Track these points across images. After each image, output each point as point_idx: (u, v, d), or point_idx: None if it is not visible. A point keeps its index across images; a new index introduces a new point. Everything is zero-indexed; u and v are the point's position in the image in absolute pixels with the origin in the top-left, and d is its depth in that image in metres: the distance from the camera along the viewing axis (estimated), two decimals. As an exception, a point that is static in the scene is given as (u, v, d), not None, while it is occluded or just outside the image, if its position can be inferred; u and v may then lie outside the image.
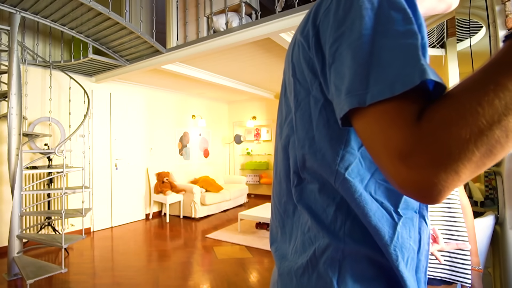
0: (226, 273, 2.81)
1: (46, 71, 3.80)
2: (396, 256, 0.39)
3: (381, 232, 0.39)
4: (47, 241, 2.77)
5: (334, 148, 0.41)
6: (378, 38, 0.32)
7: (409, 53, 0.30)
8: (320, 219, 0.43)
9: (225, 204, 5.49)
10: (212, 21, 3.18)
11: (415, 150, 0.27)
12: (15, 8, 2.80)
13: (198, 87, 5.41)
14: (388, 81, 0.30)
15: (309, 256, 0.43)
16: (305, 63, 0.43)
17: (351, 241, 0.41)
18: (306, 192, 0.46)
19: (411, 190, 0.29)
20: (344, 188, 0.40)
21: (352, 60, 0.33)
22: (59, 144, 2.91)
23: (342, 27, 0.36)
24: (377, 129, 0.31)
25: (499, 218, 1.36)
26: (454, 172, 0.26)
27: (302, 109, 0.45)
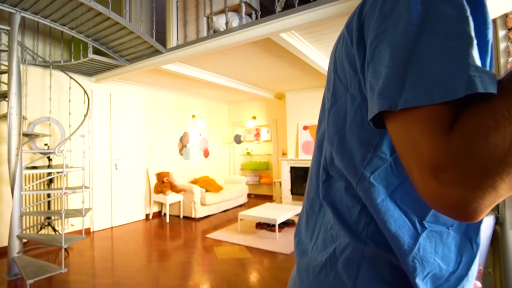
0: (226, 273, 2.81)
1: (46, 71, 3.80)
2: (413, 268, 0.36)
3: (400, 240, 0.36)
4: (47, 241, 2.77)
5: (363, 150, 0.39)
6: (424, 37, 0.29)
7: (458, 58, 0.27)
8: (344, 218, 0.42)
9: (225, 204, 5.49)
10: (212, 21, 3.18)
11: (446, 164, 0.25)
12: (15, 8, 2.80)
13: (198, 87, 5.41)
14: (426, 87, 0.27)
15: (328, 254, 0.43)
16: (347, 59, 0.42)
17: (373, 243, 0.39)
18: (333, 189, 0.45)
19: (442, 207, 0.27)
20: (366, 192, 0.39)
21: (390, 59, 0.31)
22: (59, 144, 2.91)
23: (386, 22, 0.33)
24: (407, 136, 0.28)
25: (499, 218, 1.36)
26: (491, 188, 0.24)
27: (338, 106, 0.44)
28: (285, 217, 3.97)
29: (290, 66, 4.17)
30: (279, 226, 4.06)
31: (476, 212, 0.25)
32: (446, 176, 0.25)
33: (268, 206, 4.60)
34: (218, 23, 3.10)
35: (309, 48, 3.33)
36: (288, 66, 4.18)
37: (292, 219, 4.40)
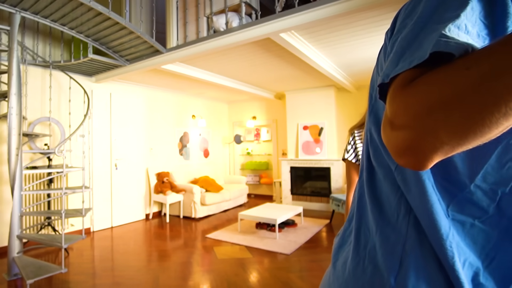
0: (226, 273, 2.81)
1: (46, 71, 3.81)
2: (452, 254, 0.35)
3: (437, 224, 0.35)
4: (47, 241, 2.77)
5: None
6: (429, 25, 0.32)
7: (442, 24, 0.29)
8: (383, 208, 0.41)
9: (225, 204, 5.49)
10: (212, 21, 3.18)
11: (397, 111, 0.28)
12: (15, 8, 2.80)
13: (198, 87, 5.41)
14: (412, 58, 0.30)
15: (367, 248, 0.41)
16: (384, 57, 0.43)
17: (416, 233, 0.37)
18: (374, 180, 0.45)
19: (395, 148, 0.29)
20: (404, 176, 0.38)
21: (397, 45, 0.34)
22: (59, 144, 2.91)
23: (407, 18, 0.36)
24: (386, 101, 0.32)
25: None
26: (432, 131, 0.26)
27: (378, 102, 0.46)
28: (285, 217, 3.97)
29: (290, 66, 4.17)
30: (279, 226, 4.06)
31: (422, 154, 0.27)
32: (397, 121, 0.28)
33: (268, 206, 4.60)
34: (218, 23, 3.10)
35: (309, 48, 3.33)
36: (288, 66, 4.18)
37: (292, 219, 4.40)
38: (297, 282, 2.61)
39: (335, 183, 5.35)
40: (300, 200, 5.76)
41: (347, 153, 1.17)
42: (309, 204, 5.64)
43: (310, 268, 2.94)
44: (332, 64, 4.06)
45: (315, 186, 5.76)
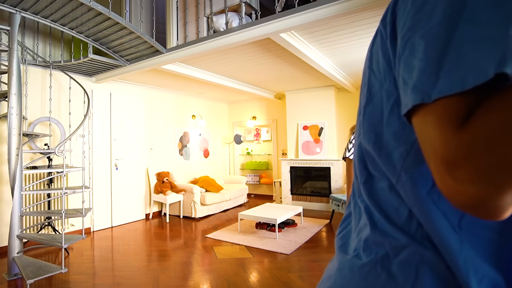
0: (226, 273, 2.81)
1: (46, 71, 3.81)
2: (466, 270, 0.33)
3: (447, 242, 0.34)
4: (47, 241, 2.77)
5: (401, 148, 0.38)
6: (462, 25, 0.27)
7: (494, 40, 0.24)
8: (393, 219, 0.40)
9: (225, 204, 5.49)
10: (212, 21, 3.18)
11: (458, 160, 0.24)
12: (15, 8, 2.80)
13: (198, 87, 5.41)
14: (461, 74, 0.25)
15: (380, 254, 0.40)
16: (382, 54, 0.40)
17: (431, 245, 0.36)
18: (376, 189, 0.43)
19: (460, 204, 0.26)
20: (405, 191, 0.37)
21: (425, 51, 0.29)
22: (59, 144, 2.91)
23: (419, 13, 0.31)
24: (425, 130, 0.28)
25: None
26: (509, 186, 0.23)
27: (374, 103, 0.43)
28: (285, 217, 3.97)
29: (290, 66, 4.17)
30: (279, 226, 4.06)
31: (498, 210, 0.24)
32: (460, 172, 0.24)
33: (268, 206, 4.60)
34: (218, 23, 3.10)
35: (309, 48, 3.33)
36: (288, 66, 4.18)
37: (292, 219, 4.40)
38: (297, 282, 2.61)
39: (335, 183, 5.36)
40: (300, 200, 5.76)
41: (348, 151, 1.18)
42: (309, 204, 5.64)
43: (310, 268, 2.94)
44: (332, 64, 4.06)
45: (315, 186, 5.76)
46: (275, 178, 6.44)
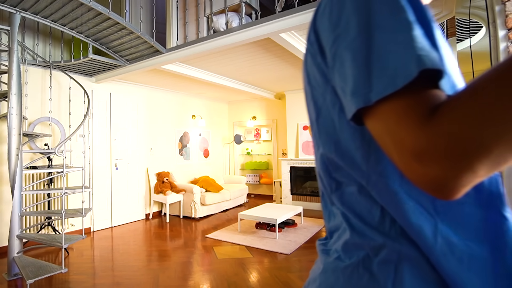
0: (226, 273, 2.81)
1: (46, 71, 3.81)
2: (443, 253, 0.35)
3: (422, 230, 0.36)
4: (47, 241, 2.77)
5: (361, 149, 0.40)
6: (374, 33, 0.32)
7: (407, 44, 0.30)
8: (367, 221, 0.42)
9: (225, 204, 5.49)
10: (212, 21, 3.18)
11: (427, 148, 0.27)
12: (15, 8, 2.80)
13: (198, 87, 5.41)
14: (389, 76, 0.30)
15: (361, 256, 0.42)
16: (316, 69, 0.43)
17: (407, 241, 0.38)
18: (346, 195, 0.44)
19: (426, 186, 0.28)
20: (377, 189, 0.39)
21: (352, 60, 0.33)
22: (59, 144, 2.91)
23: (337, 29, 0.36)
24: (385, 128, 0.30)
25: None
26: (470, 169, 0.26)
27: (323, 115, 0.45)
28: (285, 217, 3.97)
29: (290, 66, 4.17)
30: (279, 226, 4.06)
31: (455, 190, 0.27)
32: (427, 157, 0.27)
33: (268, 206, 4.60)
34: (218, 23, 3.10)
35: (309, 48, 3.32)
36: (288, 66, 4.18)
37: (292, 219, 4.40)
38: (297, 282, 2.61)
39: (335, 183, 5.35)
40: (300, 200, 5.76)
41: None
42: (309, 204, 5.64)
43: (310, 268, 2.92)
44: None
45: (315, 186, 5.76)
46: (275, 178, 6.44)
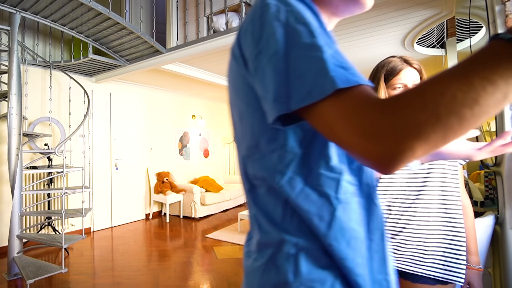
0: (226, 273, 2.81)
1: (46, 71, 3.81)
2: (336, 237, 0.43)
3: (321, 217, 0.43)
4: (47, 241, 2.77)
5: (275, 152, 0.45)
6: (291, 50, 0.37)
7: (318, 65, 0.35)
8: (273, 219, 0.47)
9: (225, 204, 5.49)
10: (212, 21, 3.18)
11: (380, 129, 0.31)
12: (15, 8, 2.81)
13: (198, 87, 5.41)
14: (305, 90, 0.35)
15: (269, 254, 0.47)
16: (241, 80, 0.47)
17: (302, 234, 0.45)
18: (258, 196, 0.49)
19: (375, 161, 0.33)
20: (285, 187, 0.44)
21: (273, 72, 0.38)
22: (59, 144, 2.91)
23: (259, 44, 0.41)
24: (339, 117, 0.34)
25: (499, 218, 1.37)
26: (409, 148, 0.30)
27: (246, 119, 0.49)
28: (285, 217, 3.96)
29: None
30: (279, 226, 4.06)
31: (395, 165, 0.32)
32: (379, 137, 0.31)
33: (268, 206, 4.59)
34: (218, 23, 3.10)
35: (309, 48, 3.32)
36: (288, 66, 4.17)
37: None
38: (297, 282, 2.61)
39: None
40: (300, 200, 5.76)
41: None
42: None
43: (310, 268, 2.94)
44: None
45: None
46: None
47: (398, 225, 1.03)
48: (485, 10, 1.46)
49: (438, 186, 1.00)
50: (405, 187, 1.03)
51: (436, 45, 3.44)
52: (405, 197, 1.02)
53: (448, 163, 1.01)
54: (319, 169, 0.44)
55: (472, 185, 2.00)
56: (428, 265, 0.99)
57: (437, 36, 3.28)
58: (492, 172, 1.60)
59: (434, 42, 3.37)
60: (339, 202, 0.44)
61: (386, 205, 1.06)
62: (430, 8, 2.41)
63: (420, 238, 1.00)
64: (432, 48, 3.47)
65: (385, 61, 1.06)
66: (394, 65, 1.03)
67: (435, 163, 1.01)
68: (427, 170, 1.01)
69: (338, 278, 0.43)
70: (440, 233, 0.99)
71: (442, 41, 3.36)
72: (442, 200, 1.00)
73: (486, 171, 2.08)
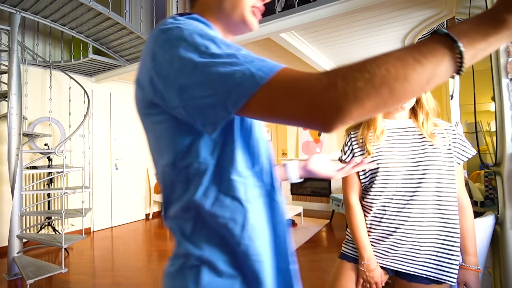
0: (226, 273, 2.81)
1: (46, 71, 3.81)
2: (249, 237, 0.47)
3: (235, 221, 0.47)
4: (47, 241, 2.77)
5: (188, 166, 0.48)
6: (207, 62, 0.40)
7: (240, 66, 0.39)
8: (184, 233, 0.51)
9: (225, 204, 5.48)
10: (212, 21, 3.18)
11: (321, 100, 0.35)
12: (15, 8, 2.81)
13: (198, 87, 5.41)
14: (238, 90, 0.38)
15: (180, 263, 0.51)
16: (144, 100, 0.49)
17: (209, 247, 0.49)
18: (174, 209, 0.52)
19: (319, 126, 0.37)
20: (200, 199, 0.48)
21: (199, 86, 0.40)
22: (59, 144, 2.91)
23: (173, 67, 0.42)
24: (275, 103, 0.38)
25: (499, 218, 1.37)
26: (348, 112, 0.34)
27: (151, 135, 0.52)
28: (285, 217, 3.96)
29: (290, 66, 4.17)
30: (279, 226, 4.06)
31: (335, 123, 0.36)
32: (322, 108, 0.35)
33: (268, 206, 4.59)
34: (218, 23, 3.10)
35: (309, 48, 3.33)
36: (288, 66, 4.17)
37: (292, 219, 4.40)
38: (297, 282, 2.60)
39: (335, 183, 5.35)
40: (300, 200, 5.76)
41: (344, 154, 1.17)
42: (309, 204, 5.64)
43: (310, 268, 2.94)
44: (332, 64, 4.06)
45: (315, 186, 5.76)
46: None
47: (392, 225, 1.03)
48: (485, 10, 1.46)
49: (433, 186, 1.00)
50: (400, 188, 1.03)
51: (436, 45, 3.43)
52: (400, 197, 1.02)
53: (443, 163, 1.01)
54: (230, 175, 0.48)
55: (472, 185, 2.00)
56: (422, 264, 1.00)
57: (437, 36, 3.28)
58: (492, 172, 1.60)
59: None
60: (249, 204, 0.48)
61: (381, 205, 1.05)
62: (430, 8, 2.41)
63: (414, 238, 1.00)
64: (432, 48, 3.47)
65: None
66: None
67: (430, 164, 1.00)
68: (422, 171, 1.01)
69: (241, 285, 0.48)
70: (434, 233, 1.00)
71: (442, 41, 3.36)
72: (437, 201, 1.00)
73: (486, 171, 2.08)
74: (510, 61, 1.33)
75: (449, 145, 1.03)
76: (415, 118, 1.08)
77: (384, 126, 1.08)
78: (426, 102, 1.06)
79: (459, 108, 2.84)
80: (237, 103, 0.39)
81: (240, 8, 0.55)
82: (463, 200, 1.06)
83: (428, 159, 1.01)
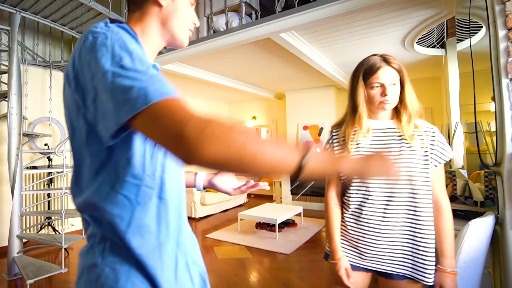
0: (226, 273, 2.81)
1: (46, 71, 3.81)
2: (133, 233, 0.53)
3: (122, 217, 0.53)
4: (47, 241, 2.77)
5: (96, 163, 0.53)
6: (115, 73, 0.45)
7: (139, 84, 0.43)
8: (94, 217, 0.56)
9: (225, 204, 5.49)
10: (212, 21, 3.18)
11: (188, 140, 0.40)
12: (15, 8, 2.81)
13: (198, 87, 5.41)
14: (129, 105, 0.43)
15: (91, 242, 0.58)
16: (72, 100, 0.54)
17: (109, 230, 0.54)
18: (86, 203, 0.57)
19: (182, 159, 0.41)
20: (95, 196, 0.53)
21: (103, 92, 0.46)
22: (59, 144, 2.91)
23: (90, 69, 0.48)
24: (157, 128, 0.43)
25: (499, 218, 1.37)
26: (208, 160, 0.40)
27: (76, 133, 0.55)
28: (285, 217, 3.97)
29: (290, 66, 4.17)
30: (279, 226, 4.06)
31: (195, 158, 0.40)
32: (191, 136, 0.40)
33: (268, 206, 4.60)
34: (218, 23, 3.10)
35: (309, 48, 3.33)
36: (288, 66, 4.18)
37: (292, 219, 4.40)
38: (297, 282, 2.61)
39: (335, 183, 5.35)
40: (300, 200, 5.76)
41: None
42: (309, 204, 5.64)
43: (310, 268, 2.94)
44: (332, 64, 4.06)
45: (315, 186, 5.76)
46: (275, 178, 6.44)
47: (369, 224, 1.03)
48: (485, 10, 1.46)
49: (407, 187, 1.00)
50: (376, 188, 1.03)
51: (436, 45, 3.44)
52: (375, 197, 1.03)
53: (418, 165, 1.00)
54: (125, 177, 0.53)
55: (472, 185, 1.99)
56: (398, 263, 1.01)
57: (437, 36, 3.28)
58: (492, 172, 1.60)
59: (434, 42, 3.37)
60: (138, 204, 0.54)
61: (358, 203, 1.06)
62: (430, 8, 2.41)
63: (389, 237, 1.01)
64: (432, 48, 3.47)
65: (365, 59, 1.07)
66: (372, 63, 1.03)
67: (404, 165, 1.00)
68: None
69: (135, 263, 0.54)
70: (407, 233, 1.00)
71: (442, 41, 3.36)
72: (411, 202, 1.00)
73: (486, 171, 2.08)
74: (510, 61, 1.33)
75: (427, 147, 1.02)
76: (398, 119, 1.07)
77: (369, 125, 1.08)
78: (410, 103, 1.04)
79: (459, 108, 2.83)
80: (126, 115, 0.43)
81: (180, 29, 0.67)
82: (441, 202, 1.04)
83: (402, 160, 1.01)
